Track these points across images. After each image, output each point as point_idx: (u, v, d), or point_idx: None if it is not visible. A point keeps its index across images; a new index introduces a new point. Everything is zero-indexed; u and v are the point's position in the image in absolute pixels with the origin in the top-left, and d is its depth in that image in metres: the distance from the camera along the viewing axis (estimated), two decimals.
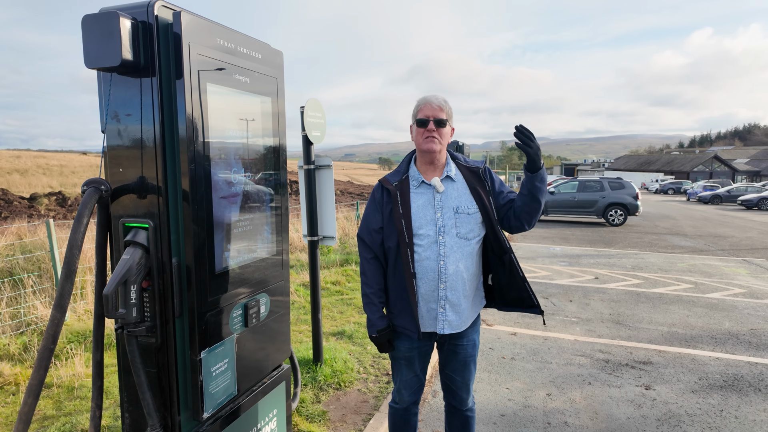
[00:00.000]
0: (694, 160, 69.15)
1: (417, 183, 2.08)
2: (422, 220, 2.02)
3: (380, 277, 2.13)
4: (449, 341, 2.15)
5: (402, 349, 2.16)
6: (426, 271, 2.00)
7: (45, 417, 3.14)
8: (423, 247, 2.00)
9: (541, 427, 3.23)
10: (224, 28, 1.73)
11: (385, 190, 2.11)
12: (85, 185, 1.54)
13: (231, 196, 1.79)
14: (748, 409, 3.50)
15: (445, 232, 2.00)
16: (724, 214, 22.04)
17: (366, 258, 2.14)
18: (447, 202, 2.03)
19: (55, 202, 21.32)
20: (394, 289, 2.11)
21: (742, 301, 6.59)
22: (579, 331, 5.23)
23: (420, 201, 2.05)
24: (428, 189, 2.06)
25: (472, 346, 2.17)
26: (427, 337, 2.13)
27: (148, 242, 1.55)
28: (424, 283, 2.02)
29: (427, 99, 2.03)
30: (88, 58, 1.46)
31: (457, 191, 2.06)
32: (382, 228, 2.09)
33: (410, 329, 2.09)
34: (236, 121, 1.82)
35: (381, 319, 2.09)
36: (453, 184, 2.07)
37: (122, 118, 1.56)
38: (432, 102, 2.01)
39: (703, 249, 11.36)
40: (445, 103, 2.03)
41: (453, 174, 2.08)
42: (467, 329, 2.13)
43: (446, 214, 2.02)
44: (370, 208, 2.14)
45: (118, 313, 1.48)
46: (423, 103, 2.03)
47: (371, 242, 2.11)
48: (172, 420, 1.65)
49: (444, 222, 2.01)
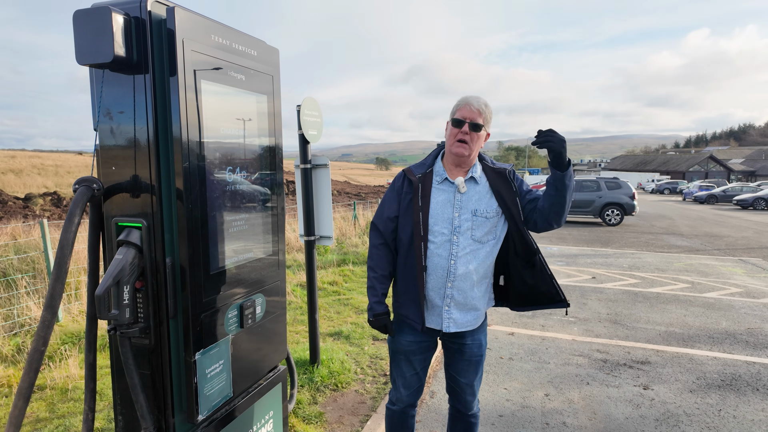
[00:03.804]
0: (690, 160, 69.46)
1: (440, 179, 2.05)
2: (439, 217, 2.00)
3: (386, 263, 2.10)
4: (454, 339, 2.13)
5: (403, 342, 2.13)
6: (435, 268, 1.99)
7: (38, 419, 3.10)
8: (436, 244, 1.99)
9: (539, 427, 3.22)
10: (219, 24, 1.70)
11: (407, 180, 2.09)
12: (76, 184, 1.51)
13: (226, 195, 1.76)
14: (746, 409, 3.49)
15: (460, 233, 1.98)
16: (720, 214, 22.13)
17: (375, 244, 2.12)
18: (467, 203, 2.01)
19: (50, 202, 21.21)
20: (404, 280, 2.09)
21: (738, 300, 6.60)
22: (577, 331, 5.23)
23: (440, 198, 2.03)
24: (450, 187, 2.03)
25: (478, 346, 2.14)
26: (430, 332, 2.10)
27: (141, 242, 1.52)
28: (433, 279, 2.00)
29: (467, 100, 1.98)
30: (80, 54, 1.43)
31: (478, 194, 2.03)
32: (397, 217, 2.07)
33: (415, 320, 2.07)
34: (231, 119, 1.79)
35: (379, 304, 2.08)
36: (476, 186, 2.04)
37: (115, 116, 1.53)
38: (472, 104, 1.97)
39: (699, 248, 11.39)
40: (485, 107, 1.98)
41: (477, 176, 2.05)
42: (473, 329, 2.11)
43: (464, 215, 1.99)
44: (388, 196, 2.12)
45: (110, 314, 1.46)
46: (463, 104, 1.99)
47: (384, 229, 2.10)
48: (166, 422, 1.62)
49: (460, 223, 1.99)
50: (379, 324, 2.07)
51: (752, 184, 33.94)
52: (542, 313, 5.86)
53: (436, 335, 2.13)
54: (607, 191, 15.94)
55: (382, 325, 2.07)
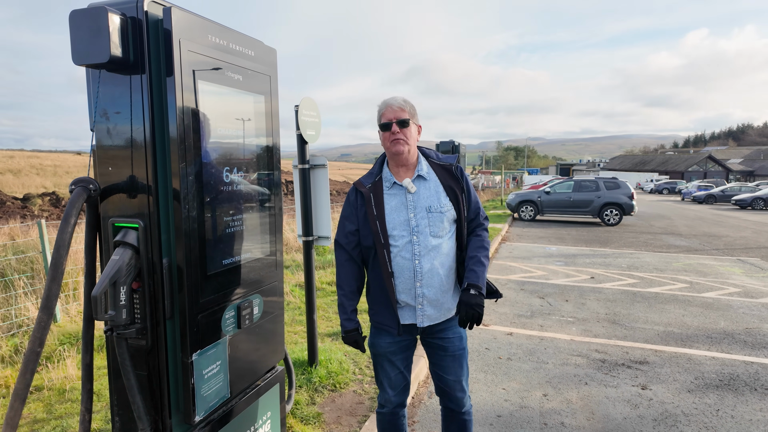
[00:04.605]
0: (688, 160, 69.57)
1: (389, 184, 2.10)
2: (395, 222, 2.04)
3: (352, 279, 2.15)
4: (434, 336, 2.14)
5: (383, 344, 2.16)
6: (402, 271, 2.03)
7: (35, 420, 3.09)
8: (398, 248, 2.03)
9: (537, 427, 3.22)
10: (216, 24, 1.70)
11: (359, 193, 2.13)
12: (73, 184, 1.50)
13: (223, 195, 1.76)
14: (744, 409, 3.50)
15: (419, 232, 2.02)
16: (719, 214, 22.16)
17: (340, 261, 2.17)
18: (419, 202, 2.05)
19: (48, 202, 21.17)
20: (374, 287, 2.13)
21: (737, 300, 6.61)
22: (575, 331, 5.23)
23: (393, 202, 2.07)
24: (401, 190, 2.08)
25: (459, 338, 2.16)
26: (407, 330, 2.13)
27: (138, 242, 1.52)
28: (401, 282, 2.04)
29: (386, 102, 2.06)
30: (76, 55, 1.43)
31: (429, 190, 2.08)
32: (357, 230, 2.12)
33: (390, 325, 2.10)
34: (229, 119, 1.79)
35: (349, 321, 2.12)
36: (425, 183, 2.09)
37: (111, 116, 1.53)
38: (392, 104, 2.03)
39: (698, 248, 11.41)
40: (405, 102, 2.04)
41: (425, 173, 2.10)
42: (451, 320, 2.14)
43: (419, 214, 2.04)
44: (346, 212, 2.17)
45: (107, 315, 1.45)
46: (383, 108, 2.06)
47: (346, 244, 2.14)
48: (163, 423, 1.62)
49: (417, 222, 2.03)
50: (350, 340, 2.12)
51: (750, 184, 34.00)
52: (541, 313, 5.87)
53: (414, 332, 2.15)
54: (605, 191, 15.95)
55: (353, 341, 2.12)
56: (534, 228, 15.09)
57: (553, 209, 16.75)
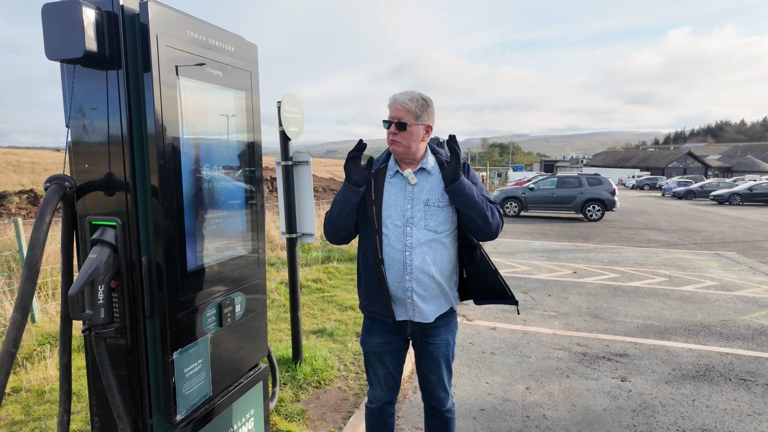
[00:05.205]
0: (668, 157, 70.90)
1: (392, 173, 2.09)
2: (392, 210, 2.03)
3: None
4: (422, 338, 2.14)
5: (373, 344, 2.16)
6: (392, 261, 2.01)
7: (13, 422, 3.03)
8: (390, 237, 2.01)
9: (520, 420, 3.27)
10: (195, 19, 1.68)
11: None
12: (47, 182, 1.48)
13: (203, 192, 1.74)
14: (719, 398, 3.60)
15: (413, 224, 2.00)
16: (697, 209, 22.66)
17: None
18: (419, 194, 2.04)
19: (26, 200, 20.66)
20: (367, 276, 2.11)
21: (713, 293, 6.78)
22: (557, 325, 5.31)
23: (392, 191, 2.06)
24: (402, 180, 2.07)
25: (445, 345, 2.15)
26: (399, 329, 2.12)
27: (116, 240, 1.50)
28: (391, 272, 2.02)
29: (394, 98, 2.01)
30: (50, 49, 1.40)
31: (430, 184, 2.06)
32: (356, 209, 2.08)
33: (384, 314, 2.08)
34: (209, 115, 1.77)
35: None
36: (428, 177, 2.07)
37: (87, 113, 1.50)
38: (395, 103, 1.99)
39: (677, 243, 11.66)
40: (411, 101, 1.97)
41: (430, 167, 2.08)
42: (440, 328, 2.13)
43: (416, 206, 2.02)
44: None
45: (84, 314, 1.43)
46: (391, 102, 2.02)
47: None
48: (144, 423, 1.61)
49: (413, 214, 2.01)
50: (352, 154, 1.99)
51: (728, 180, 34.84)
52: (524, 308, 5.94)
53: (406, 333, 2.14)
54: (588, 187, 16.19)
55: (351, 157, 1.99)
56: (518, 224, 15.24)
57: (537, 205, 16.94)
